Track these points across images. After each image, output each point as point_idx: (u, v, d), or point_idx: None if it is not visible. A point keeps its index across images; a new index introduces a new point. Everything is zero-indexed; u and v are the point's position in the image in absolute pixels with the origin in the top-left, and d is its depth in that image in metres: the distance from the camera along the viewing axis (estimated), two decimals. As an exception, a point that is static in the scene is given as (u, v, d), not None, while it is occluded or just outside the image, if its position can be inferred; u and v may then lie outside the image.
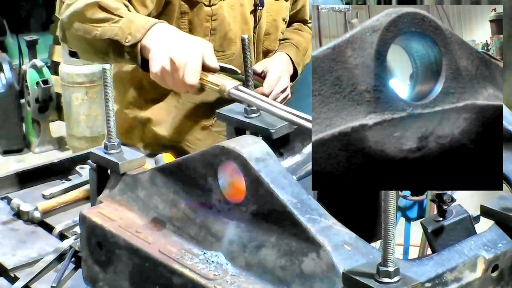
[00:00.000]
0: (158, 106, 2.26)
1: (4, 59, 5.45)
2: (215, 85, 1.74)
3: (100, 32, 1.91)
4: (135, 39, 1.86)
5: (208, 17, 2.15)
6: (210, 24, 2.16)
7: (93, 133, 5.25)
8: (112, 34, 1.89)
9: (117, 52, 1.90)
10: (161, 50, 1.81)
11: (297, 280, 1.13)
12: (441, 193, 1.34)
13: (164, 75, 1.81)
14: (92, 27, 1.93)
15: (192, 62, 1.77)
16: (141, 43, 1.85)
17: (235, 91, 1.69)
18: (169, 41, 1.83)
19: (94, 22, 1.92)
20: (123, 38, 1.87)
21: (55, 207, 1.90)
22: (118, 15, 1.91)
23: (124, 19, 1.90)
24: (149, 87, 2.24)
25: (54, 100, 5.47)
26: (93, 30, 1.92)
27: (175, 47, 1.80)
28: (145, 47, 1.85)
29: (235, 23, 2.20)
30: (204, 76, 1.77)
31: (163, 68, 1.80)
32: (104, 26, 1.91)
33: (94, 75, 5.18)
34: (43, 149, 5.52)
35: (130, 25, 1.88)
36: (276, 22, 2.35)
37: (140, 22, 1.88)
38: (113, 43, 1.89)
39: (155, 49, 1.83)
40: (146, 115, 2.27)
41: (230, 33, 2.20)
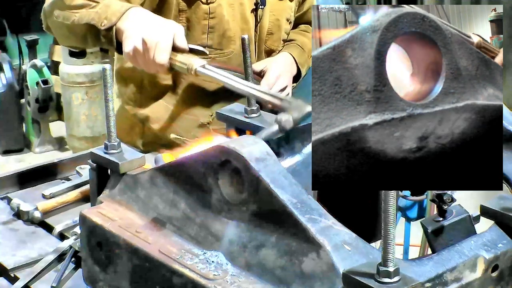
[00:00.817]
0: (157, 103, 2.28)
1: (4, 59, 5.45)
2: (183, 64, 1.86)
3: (78, 18, 2.00)
4: (110, 22, 1.95)
5: (206, 15, 2.16)
6: (208, 22, 2.17)
7: (93, 133, 5.25)
8: (89, 18, 1.98)
9: (94, 36, 2.00)
10: (134, 31, 1.91)
11: (297, 280, 1.13)
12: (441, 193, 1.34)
13: (136, 55, 1.91)
14: (70, 13, 2.02)
15: (163, 42, 1.88)
16: (116, 26, 1.95)
17: (202, 69, 1.81)
18: (142, 23, 1.93)
19: (72, 8, 2.02)
20: (100, 22, 1.96)
21: (55, 207, 1.90)
22: (95, 1, 2.00)
23: (100, 4, 1.99)
24: (149, 85, 2.26)
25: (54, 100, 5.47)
26: (71, 16, 2.02)
27: (147, 28, 1.90)
28: (120, 30, 1.95)
29: (235, 22, 2.20)
30: (173, 56, 1.89)
31: (135, 48, 1.90)
32: (81, 12, 2.00)
33: (94, 75, 5.18)
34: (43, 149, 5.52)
35: (106, 9, 1.97)
36: (279, 22, 2.34)
37: (116, 6, 1.97)
38: (90, 28, 1.99)
39: (128, 30, 1.92)
40: (145, 113, 2.29)
41: (229, 32, 2.20)
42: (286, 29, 2.39)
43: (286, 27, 2.38)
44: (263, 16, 2.28)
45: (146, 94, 2.29)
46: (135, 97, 2.30)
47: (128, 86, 2.32)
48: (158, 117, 2.28)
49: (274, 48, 2.37)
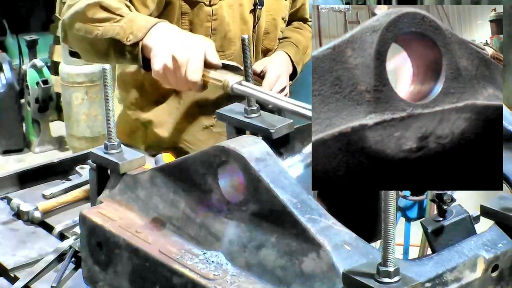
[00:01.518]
0: (160, 107, 2.26)
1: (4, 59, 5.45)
2: (218, 81, 1.75)
3: (102, 32, 1.91)
4: (136, 38, 1.86)
5: (209, 17, 2.15)
6: (211, 24, 2.16)
7: (93, 133, 5.26)
8: (113, 33, 1.89)
9: (119, 52, 1.90)
10: (163, 49, 1.82)
11: (297, 280, 1.13)
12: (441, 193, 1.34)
13: (167, 73, 1.81)
14: (93, 27, 1.93)
15: (195, 60, 1.78)
16: (143, 42, 1.85)
17: (238, 86, 1.70)
18: (170, 40, 1.84)
19: (95, 22, 1.92)
20: (125, 37, 1.87)
21: (55, 207, 1.90)
22: (119, 14, 1.91)
23: (125, 19, 1.90)
24: (151, 89, 2.24)
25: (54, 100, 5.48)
26: (94, 30, 1.92)
27: (177, 45, 1.81)
28: (146, 46, 1.85)
29: (234, 23, 2.20)
30: (206, 73, 1.78)
31: (165, 66, 1.80)
32: (105, 26, 1.91)
33: (94, 75, 5.19)
34: (43, 149, 5.52)
35: (132, 24, 1.88)
36: (275, 21, 2.35)
37: (142, 21, 1.89)
38: (114, 43, 1.89)
39: (156, 47, 1.83)
40: (148, 117, 2.27)
41: (230, 33, 2.20)
42: (282, 27, 2.40)
43: (282, 25, 2.39)
44: (261, 16, 2.28)
45: (148, 98, 2.27)
46: (137, 101, 2.29)
47: (130, 91, 2.30)
48: (161, 121, 2.27)
49: (271, 47, 2.37)
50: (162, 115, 2.26)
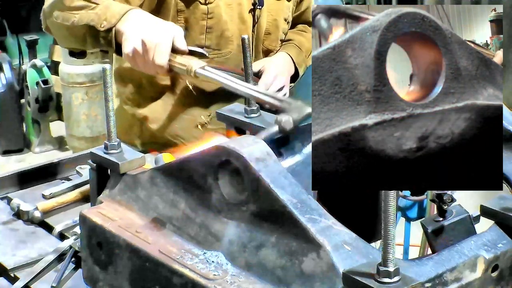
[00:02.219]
0: (155, 103, 2.28)
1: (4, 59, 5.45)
2: (183, 66, 1.86)
3: (78, 19, 2.00)
4: (110, 24, 1.95)
5: (204, 15, 2.16)
6: (206, 22, 2.17)
7: (93, 133, 5.25)
8: (88, 20, 1.98)
9: (93, 38, 1.99)
10: (133, 33, 1.91)
11: (297, 280, 1.13)
12: (441, 193, 1.34)
13: (136, 56, 1.91)
14: (70, 14, 2.01)
15: (162, 44, 1.87)
16: (116, 28, 1.94)
17: (202, 71, 1.81)
18: (141, 25, 1.93)
19: (72, 9, 2.01)
20: (99, 24, 1.96)
21: (55, 207, 1.90)
22: (95, 2, 1.99)
23: (100, 6, 1.98)
24: (147, 85, 2.27)
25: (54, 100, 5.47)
26: (71, 17, 2.01)
27: (147, 30, 1.90)
28: (119, 32, 1.94)
29: (232, 22, 2.20)
30: (173, 58, 1.88)
31: (135, 49, 1.90)
32: (81, 13, 2.00)
33: (94, 75, 5.18)
34: (43, 149, 5.52)
35: (106, 11, 1.96)
36: (276, 21, 2.34)
37: (116, 8, 1.97)
38: (89, 29, 1.98)
39: (128, 32, 1.92)
40: (144, 113, 2.29)
41: (227, 32, 2.20)
42: (284, 29, 2.39)
43: (284, 27, 2.38)
44: (260, 16, 2.27)
45: (144, 94, 2.29)
46: (133, 97, 2.31)
47: (126, 86, 2.32)
48: (157, 117, 2.28)
49: (272, 48, 2.37)
50: (157, 111, 2.28)
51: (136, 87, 2.30)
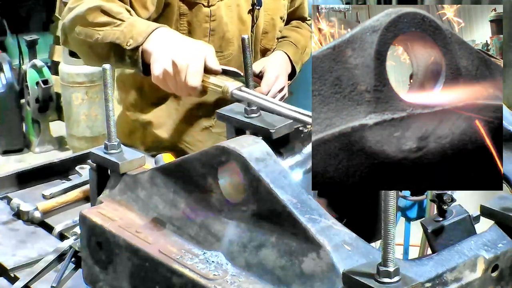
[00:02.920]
0: (159, 109, 2.27)
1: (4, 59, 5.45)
2: (218, 87, 1.75)
3: (102, 36, 1.91)
4: (136, 42, 1.86)
5: (207, 17, 2.15)
6: (209, 25, 2.16)
7: (93, 133, 5.26)
8: (113, 37, 1.89)
9: (118, 56, 1.91)
10: (163, 53, 1.82)
11: (297, 280, 1.13)
12: (441, 193, 1.34)
13: (166, 78, 1.82)
14: (94, 30, 1.93)
15: (195, 65, 1.78)
16: (143, 47, 1.86)
17: (238, 92, 1.70)
18: (171, 45, 1.84)
19: (96, 26, 1.93)
20: (125, 42, 1.87)
21: (55, 207, 1.90)
22: (120, 19, 1.91)
23: (125, 23, 1.90)
24: (150, 90, 2.24)
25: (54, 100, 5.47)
26: (94, 34, 1.93)
27: (177, 50, 1.81)
28: (146, 51, 1.85)
29: (232, 24, 2.20)
30: (206, 78, 1.79)
31: (165, 71, 1.80)
32: (105, 30, 1.91)
33: (94, 75, 5.18)
34: (43, 149, 5.52)
35: (132, 29, 1.88)
36: (274, 20, 2.35)
37: (142, 26, 1.89)
38: (114, 47, 1.90)
39: (156, 52, 1.83)
40: (147, 118, 2.27)
41: (228, 34, 2.20)
42: (280, 27, 2.39)
43: (280, 25, 2.39)
44: (259, 16, 2.28)
45: (147, 100, 2.27)
46: (136, 102, 2.29)
47: (129, 92, 2.30)
48: (161, 122, 2.27)
49: (269, 47, 2.37)
50: (161, 116, 2.27)
51: (138, 93, 2.28)
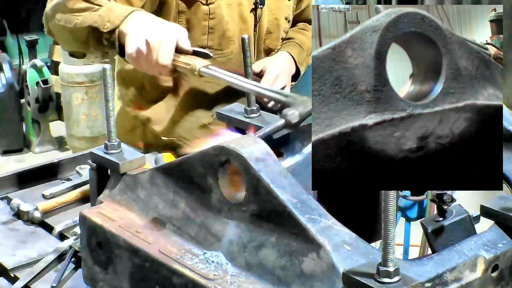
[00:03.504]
0: (158, 105, 2.28)
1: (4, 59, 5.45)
2: (187, 65, 1.84)
3: (80, 21, 1.98)
4: (113, 25, 1.93)
5: (206, 15, 2.16)
6: (208, 23, 2.17)
7: (93, 133, 5.26)
8: (91, 21, 1.97)
9: (96, 39, 1.98)
10: (137, 33, 1.90)
11: (297, 280, 1.13)
12: (441, 193, 1.34)
13: (139, 57, 1.89)
14: (73, 16, 2.00)
15: (166, 44, 1.86)
16: (119, 29, 1.93)
17: (206, 70, 1.79)
18: (145, 25, 1.91)
19: (75, 11, 2.00)
20: (102, 25, 1.94)
21: (55, 207, 1.90)
22: (98, 4, 1.98)
23: (103, 8, 1.97)
24: (149, 87, 2.26)
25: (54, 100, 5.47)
26: (73, 19, 2.00)
27: (151, 30, 1.89)
28: (122, 33, 1.93)
29: (233, 22, 2.21)
30: (176, 58, 1.87)
31: (138, 49, 1.88)
32: (84, 15, 1.98)
33: (94, 75, 5.18)
34: (43, 149, 5.52)
35: (109, 13, 1.95)
36: (278, 20, 2.35)
37: (119, 10, 1.96)
38: (92, 31, 1.97)
39: (131, 32, 1.91)
40: (146, 114, 2.29)
41: (229, 32, 2.20)
42: (285, 28, 2.39)
43: (285, 26, 2.38)
44: (262, 16, 2.28)
45: (146, 96, 2.29)
46: (136, 99, 2.31)
47: (129, 88, 2.32)
48: (159, 119, 2.28)
49: (273, 47, 2.37)
50: (160, 113, 2.28)
51: (138, 89, 2.30)
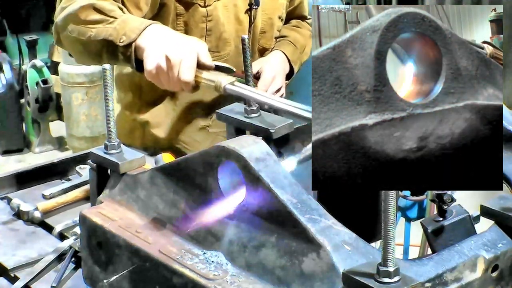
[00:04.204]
0: (156, 108, 2.27)
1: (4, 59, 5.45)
2: (211, 82, 1.77)
3: (95, 33, 1.92)
4: (129, 39, 1.87)
5: (204, 18, 2.15)
6: (206, 25, 2.16)
7: (93, 133, 5.26)
8: (106, 34, 1.90)
9: (111, 53, 1.92)
10: (156, 49, 1.83)
11: (297, 280, 1.13)
12: (441, 193, 1.34)
13: (159, 73, 1.83)
14: (86, 28, 1.94)
15: (188, 60, 1.80)
16: (136, 43, 1.87)
17: (231, 87, 1.72)
18: (164, 40, 1.85)
19: (88, 23, 1.93)
20: (118, 39, 1.88)
21: (55, 207, 1.90)
22: (112, 16, 1.92)
23: (118, 20, 1.91)
24: (148, 90, 2.25)
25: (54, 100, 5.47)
26: (87, 32, 1.93)
27: (170, 46, 1.82)
28: (139, 47, 1.87)
29: (229, 24, 2.20)
30: (199, 74, 1.80)
31: (158, 66, 1.82)
32: (98, 27, 1.92)
33: (94, 75, 5.18)
34: (43, 149, 5.52)
35: (125, 25, 1.89)
36: (271, 20, 2.35)
37: (135, 23, 1.90)
38: (107, 44, 1.91)
39: (149, 48, 1.84)
40: (145, 118, 2.28)
41: (225, 34, 2.20)
42: (279, 26, 2.39)
43: (278, 24, 2.39)
44: (256, 16, 2.28)
45: (145, 99, 2.28)
46: (134, 102, 2.30)
47: (127, 92, 2.30)
48: (158, 122, 2.28)
49: (267, 46, 2.37)
50: (159, 116, 2.27)
51: (136, 92, 2.28)
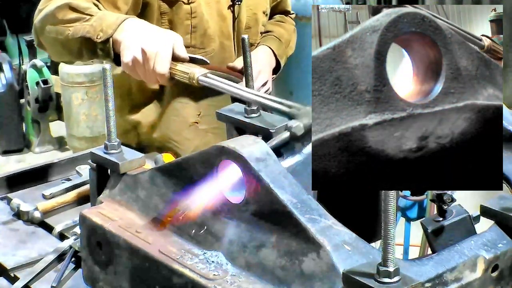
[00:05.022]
0: (146, 109, 2.29)
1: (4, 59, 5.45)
2: (185, 73, 1.81)
3: (72, 32, 1.95)
4: (106, 34, 1.91)
5: (188, 15, 2.17)
6: (191, 22, 2.18)
7: (93, 133, 5.26)
8: (84, 32, 1.94)
9: (90, 50, 1.95)
10: (132, 42, 1.87)
11: (297, 280, 1.13)
12: (441, 193, 1.34)
13: (136, 66, 1.87)
14: (64, 27, 1.97)
15: (163, 52, 1.84)
16: (113, 38, 1.90)
17: (204, 78, 1.76)
18: (139, 33, 1.89)
19: (65, 22, 1.97)
20: (95, 35, 1.92)
21: (55, 207, 1.90)
22: (88, 14, 1.95)
23: (95, 17, 1.94)
24: (137, 91, 2.28)
25: (54, 100, 5.48)
26: (65, 31, 1.97)
27: (146, 38, 1.87)
28: (116, 41, 1.90)
29: (213, 20, 2.22)
30: (173, 66, 1.85)
31: (135, 58, 1.86)
32: (75, 26, 1.95)
33: (94, 75, 5.19)
34: (43, 149, 5.53)
35: (101, 22, 1.93)
36: (256, 15, 2.36)
37: (111, 18, 1.93)
38: (85, 41, 1.94)
39: (126, 41, 1.88)
40: (137, 119, 2.30)
41: (209, 30, 2.21)
42: (263, 21, 2.41)
43: (263, 20, 2.40)
44: (240, 12, 2.28)
45: (135, 100, 2.30)
46: (124, 103, 2.31)
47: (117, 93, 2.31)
48: (149, 121, 2.29)
49: (253, 42, 2.37)
50: (149, 116, 2.29)
51: (126, 94, 2.30)
